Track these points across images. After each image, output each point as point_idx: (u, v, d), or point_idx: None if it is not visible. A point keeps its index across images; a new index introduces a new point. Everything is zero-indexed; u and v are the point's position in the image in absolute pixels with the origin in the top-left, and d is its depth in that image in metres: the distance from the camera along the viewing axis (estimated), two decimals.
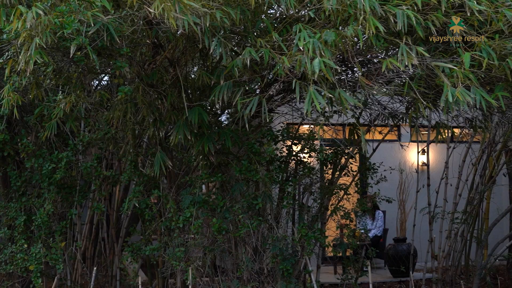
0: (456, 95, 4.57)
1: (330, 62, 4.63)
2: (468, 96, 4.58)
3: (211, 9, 4.90)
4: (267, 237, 6.36)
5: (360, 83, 4.95)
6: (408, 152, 11.17)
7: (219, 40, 5.11)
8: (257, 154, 6.27)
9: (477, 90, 4.69)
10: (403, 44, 4.81)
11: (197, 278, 6.51)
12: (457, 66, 4.74)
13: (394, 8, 4.82)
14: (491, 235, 9.16)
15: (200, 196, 6.32)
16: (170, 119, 6.39)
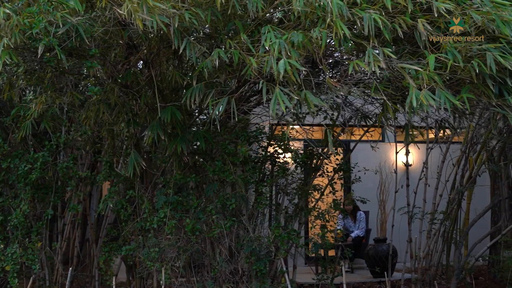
0: (420, 98, 4.59)
1: (296, 63, 4.65)
2: (432, 99, 4.60)
3: (180, 10, 4.91)
4: (242, 238, 6.37)
5: (328, 85, 4.97)
6: (393, 152, 11.18)
7: (188, 42, 5.12)
8: (231, 155, 6.28)
9: (442, 92, 4.70)
10: (370, 48, 4.83)
11: (173, 278, 6.51)
12: (423, 68, 4.76)
13: (361, 12, 4.84)
14: (474, 235, 9.17)
15: (174, 197, 6.33)
16: (145, 120, 6.40)
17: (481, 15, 4.86)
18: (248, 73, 4.93)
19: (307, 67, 5.12)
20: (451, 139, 9.03)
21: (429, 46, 4.96)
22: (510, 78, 4.90)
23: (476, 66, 4.71)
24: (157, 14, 4.77)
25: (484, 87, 4.88)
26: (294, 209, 6.96)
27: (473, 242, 9.39)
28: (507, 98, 4.90)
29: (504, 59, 4.71)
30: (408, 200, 8.65)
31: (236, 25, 5.45)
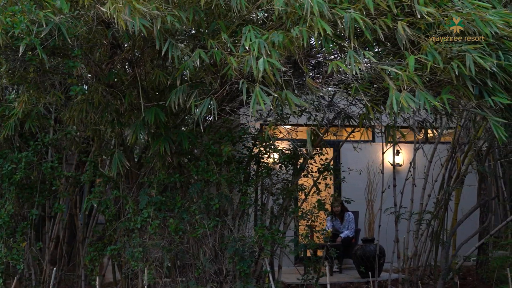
0: (400, 100, 4.59)
1: (276, 62, 4.65)
2: (412, 101, 4.61)
3: (163, 11, 4.91)
4: (226, 238, 6.37)
5: (308, 85, 4.97)
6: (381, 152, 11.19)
7: (171, 43, 5.12)
8: (215, 155, 6.28)
9: (422, 93, 4.71)
10: (351, 50, 4.83)
11: (157, 278, 6.51)
12: (403, 69, 4.76)
13: (342, 12, 4.84)
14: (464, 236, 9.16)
15: (158, 197, 6.33)
16: (129, 119, 6.40)
17: (462, 17, 4.86)
18: (229, 73, 4.93)
19: (289, 67, 5.11)
20: (438, 139, 9.04)
21: (410, 47, 4.96)
22: (491, 79, 4.91)
23: (456, 68, 4.72)
24: (139, 16, 4.75)
25: (464, 88, 4.88)
26: (278, 209, 6.96)
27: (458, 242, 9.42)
28: (487, 100, 4.90)
29: (484, 60, 4.71)
30: (395, 200, 8.65)
31: (219, 25, 5.44)
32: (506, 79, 4.97)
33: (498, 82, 4.97)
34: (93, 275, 7.07)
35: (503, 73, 4.95)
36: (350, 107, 6.58)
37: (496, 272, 7.89)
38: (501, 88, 5.03)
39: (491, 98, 4.90)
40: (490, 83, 4.88)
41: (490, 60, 4.74)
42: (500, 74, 4.91)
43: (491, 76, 4.93)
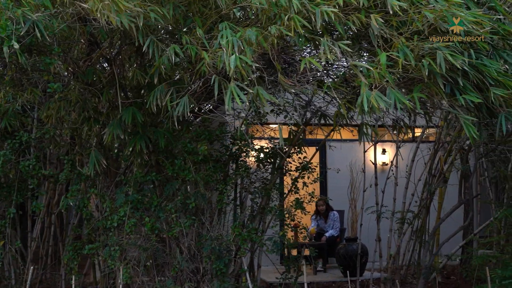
0: (371, 100, 4.57)
1: (247, 59, 4.64)
2: (383, 101, 4.59)
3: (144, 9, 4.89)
4: (202, 237, 6.35)
5: (280, 82, 4.95)
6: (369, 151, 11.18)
7: (152, 40, 5.10)
8: (191, 153, 6.26)
9: (393, 91, 4.69)
10: (324, 40, 4.81)
11: (135, 277, 6.49)
12: (375, 66, 4.74)
13: (314, 7, 4.83)
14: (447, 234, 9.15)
15: (134, 195, 6.31)
16: (107, 117, 6.37)
17: (434, 13, 4.85)
18: (202, 69, 4.91)
19: (263, 64, 5.10)
20: (420, 138, 9.04)
21: (383, 44, 4.95)
22: (462, 78, 4.90)
23: (427, 65, 4.71)
24: (124, 13, 4.73)
25: (436, 86, 4.88)
26: (257, 208, 6.94)
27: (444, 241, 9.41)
28: (458, 98, 4.89)
29: (454, 58, 4.70)
30: (377, 199, 8.65)
31: (195, 21, 5.42)
32: (478, 77, 4.96)
33: (470, 81, 4.96)
34: (72, 274, 7.04)
35: (475, 72, 4.95)
36: (329, 106, 6.57)
37: (476, 271, 7.88)
38: (473, 87, 5.03)
39: (462, 96, 4.88)
40: (462, 81, 4.88)
41: (461, 58, 4.73)
42: (472, 73, 4.91)
43: (463, 75, 4.92)
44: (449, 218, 8.78)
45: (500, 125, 5.15)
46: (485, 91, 5.05)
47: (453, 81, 4.95)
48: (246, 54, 4.69)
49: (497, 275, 7.37)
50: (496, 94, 4.96)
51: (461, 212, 9.48)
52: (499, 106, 5.19)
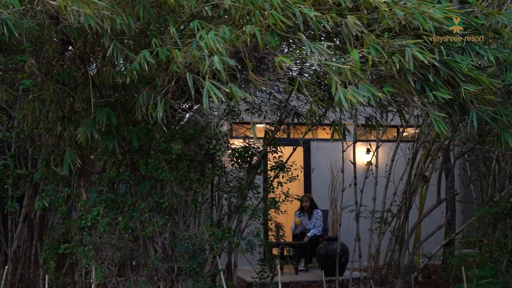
0: (348, 97, 4.57)
1: (229, 60, 4.64)
2: (359, 95, 4.58)
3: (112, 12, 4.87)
4: (176, 236, 6.33)
5: (251, 80, 4.95)
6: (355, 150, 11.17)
7: (115, 45, 5.09)
8: (165, 153, 6.24)
9: (365, 85, 4.70)
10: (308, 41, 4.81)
11: (110, 277, 6.46)
12: (345, 63, 4.75)
13: (291, 6, 4.84)
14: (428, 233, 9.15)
15: (107, 194, 6.29)
16: (82, 117, 6.34)
17: (404, 11, 4.86)
18: (174, 69, 4.90)
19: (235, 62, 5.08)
20: (400, 137, 9.05)
21: (354, 41, 4.96)
22: (433, 74, 4.91)
23: (397, 62, 4.71)
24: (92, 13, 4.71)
25: (406, 83, 4.88)
26: (232, 208, 6.93)
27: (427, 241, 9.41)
28: (428, 94, 4.90)
29: (423, 55, 4.70)
30: (356, 198, 8.65)
31: (167, 20, 5.40)
32: (449, 74, 4.97)
33: (440, 77, 4.97)
34: (49, 274, 7.01)
35: (446, 68, 4.96)
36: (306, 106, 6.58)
37: (454, 270, 7.88)
38: (445, 83, 5.04)
39: (433, 93, 4.89)
40: (432, 78, 4.89)
41: (428, 54, 4.73)
42: (442, 69, 4.92)
43: (434, 72, 4.93)
44: (431, 218, 8.80)
45: (471, 121, 5.16)
46: (457, 87, 5.07)
47: (424, 78, 4.95)
48: (222, 53, 4.69)
49: (474, 275, 7.38)
50: (467, 90, 4.98)
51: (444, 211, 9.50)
52: (471, 102, 5.20)
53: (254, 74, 5.04)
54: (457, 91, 5.07)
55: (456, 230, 9.59)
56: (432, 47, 4.92)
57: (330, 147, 9.15)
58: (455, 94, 5.10)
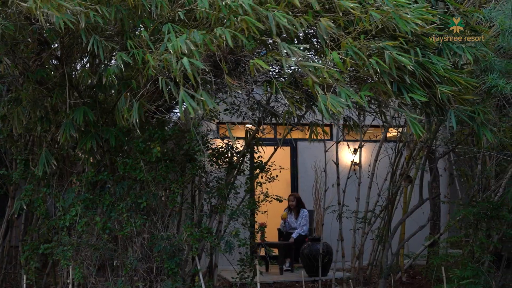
0: (328, 106, 4.55)
1: (199, 63, 4.61)
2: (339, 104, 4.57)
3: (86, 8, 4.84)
4: (154, 237, 6.32)
5: (227, 83, 4.93)
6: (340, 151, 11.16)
7: (95, 39, 5.06)
8: (143, 153, 6.22)
9: (343, 89, 4.69)
10: (282, 43, 4.79)
11: (89, 277, 6.44)
12: (323, 66, 4.73)
13: (265, 11, 4.82)
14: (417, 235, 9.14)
15: (85, 194, 6.27)
16: (62, 117, 6.31)
17: (381, 14, 4.84)
18: (149, 73, 4.88)
19: (210, 65, 5.07)
20: (384, 137, 9.05)
21: (331, 43, 4.95)
22: (409, 76, 4.90)
23: (375, 64, 4.70)
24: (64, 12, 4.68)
25: (383, 85, 4.87)
26: (211, 208, 6.92)
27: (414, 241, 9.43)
28: (405, 96, 4.89)
29: (403, 57, 4.70)
30: (339, 199, 8.64)
31: (144, 23, 5.38)
32: (425, 75, 4.97)
33: (416, 79, 4.96)
34: (29, 274, 6.98)
35: (422, 70, 4.96)
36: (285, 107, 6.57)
37: (435, 271, 7.89)
38: (421, 84, 5.04)
39: (409, 95, 4.89)
40: (409, 80, 4.88)
41: (407, 56, 4.73)
42: (419, 71, 4.92)
43: (410, 73, 4.92)
44: (415, 218, 8.81)
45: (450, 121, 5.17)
46: (434, 88, 5.07)
47: (400, 80, 4.95)
48: (194, 57, 4.66)
49: (456, 275, 7.40)
50: (443, 91, 4.98)
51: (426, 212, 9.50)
52: (448, 103, 5.21)
53: (231, 77, 5.03)
54: (433, 92, 5.08)
55: (441, 231, 9.60)
56: (408, 49, 4.91)
57: (317, 147, 9.12)
58: (432, 95, 5.10)
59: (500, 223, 7.73)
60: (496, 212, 7.58)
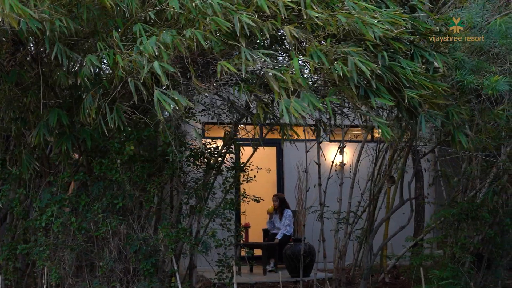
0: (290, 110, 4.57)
1: (168, 66, 4.62)
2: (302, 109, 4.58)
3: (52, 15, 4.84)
4: (130, 237, 6.34)
5: (194, 85, 4.94)
6: (326, 151, 11.16)
7: (59, 48, 5.07)
8: (119, 153, 6.23)
9: (306, 95, 4.70)
10: (244, 48, 4.80)
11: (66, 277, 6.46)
12: (287, 70, 4.74)
13: (233, 13, 4.82)
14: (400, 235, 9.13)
15: (61, 195, 6.28)
16: (37, 118, 6.32)
17: (347, 18, 4.84)
18: (119, 74, 4.89)
19: (179, 67, 5.07)
20: (365, 138, 9.06)
21: (299, 46, 4.95)
22: (377, 80, 4.91)
23: (339, 69, 4.70)
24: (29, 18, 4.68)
25: (349, 90, 4.87)
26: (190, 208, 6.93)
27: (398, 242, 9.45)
28: (372, 100, 4.90)
29: (364, 64, 4.71)
30: (321, 199, 8.65)
31: (116, 22, 5.38)
32: (393, 79, 4.96)
33: (384, 83, 4.96)
34: (7, 275, 6.99)
35: (390, 73, 4.95)
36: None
37: (415, 271, 7.91)
38: (390, 88, 5.04)
39: (375, 99, 4.89)
40: (375, 84, 4.88)
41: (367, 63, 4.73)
42: (387, 75, 4.91)
43: (378, 77, 4.92)
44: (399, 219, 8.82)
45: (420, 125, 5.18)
46: (403, 92, 5.06)
47: (368, 84, 4.95)
48: (163, 58, 4.67)
49: (435, 276, 7.42)
50: (410, 95, 4.97)
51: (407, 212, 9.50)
52: (419, 106, 5.21)
53: (199, 79, 5.05)
54: (403, 96, 5.07)
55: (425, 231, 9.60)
56: (376, 53, 4.91)
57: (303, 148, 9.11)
58: (401, 99, 5.10)
59: (480, 224, 7.74)
60: (476, 213, 7.60)
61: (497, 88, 5.15)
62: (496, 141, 7.58)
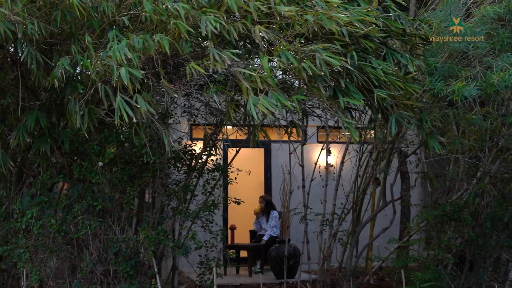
0: (258, 106, 4.60)
1: (136, 72, 4.68)
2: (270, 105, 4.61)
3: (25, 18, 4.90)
4: (109, 239, 6.37)
5: (163, 87, 4.99)
6: (313, 153, 11.19)
7: (29, 52, 5.12)
8: (99, 155, 6.27)
9: (274, 93, 4.73)
10: (212, 48, 4.85)
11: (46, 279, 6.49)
12: (256, 70, 4.78)
13: (201, 14, 4.87)
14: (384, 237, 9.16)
15: (40, 197, 6.32)
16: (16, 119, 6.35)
17: (313, 15, 4.87)
18: (93, 78, 4.93)
19: (150, 68, 5.12)
20: (349, 140, 9.08)
21: (268, 46, 4.99)
22: (346, 79, 4.93)
23: (308, 68, 4.73)
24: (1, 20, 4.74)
25: (317, 89, 4.90)
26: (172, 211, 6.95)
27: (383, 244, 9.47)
28: (340, 100, 4.92)
29: (335, 59, 4.72)
30: (304, 201, 8.68)
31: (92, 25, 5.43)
32: (363, 78, 4.99)
33: (354, 82, 4.98)
34: None
35: (360, 73, 4.98)
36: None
37: (397, 273, 7.93)
38: (361, 88, 5.06)
39: (344, 99, 4.91)
40: (344, 83, 4.90)
41: (338, 59, 4.75)
42: (355, 74, 4.94)
43: (347, 76, 4.95)
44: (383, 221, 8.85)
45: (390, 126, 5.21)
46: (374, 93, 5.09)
47: (337, 83, 4.97)
48: (133, 62, 4.71)
49: (417, 278, 7.44)
50: (380, 95, 5.00)
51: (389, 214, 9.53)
52: (391, 107, 5.23)
53: (172, 80, 5.10)
54: (374, 97, 5.10)
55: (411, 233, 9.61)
56: (345, 52, 4.94)
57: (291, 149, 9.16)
58: (372, 100, 5.13)
59: (463, 226, 7.77)
60: (458, 215, 7.62)
61: (463, 94, 5.19)
62: (479, 143, 7.64)
